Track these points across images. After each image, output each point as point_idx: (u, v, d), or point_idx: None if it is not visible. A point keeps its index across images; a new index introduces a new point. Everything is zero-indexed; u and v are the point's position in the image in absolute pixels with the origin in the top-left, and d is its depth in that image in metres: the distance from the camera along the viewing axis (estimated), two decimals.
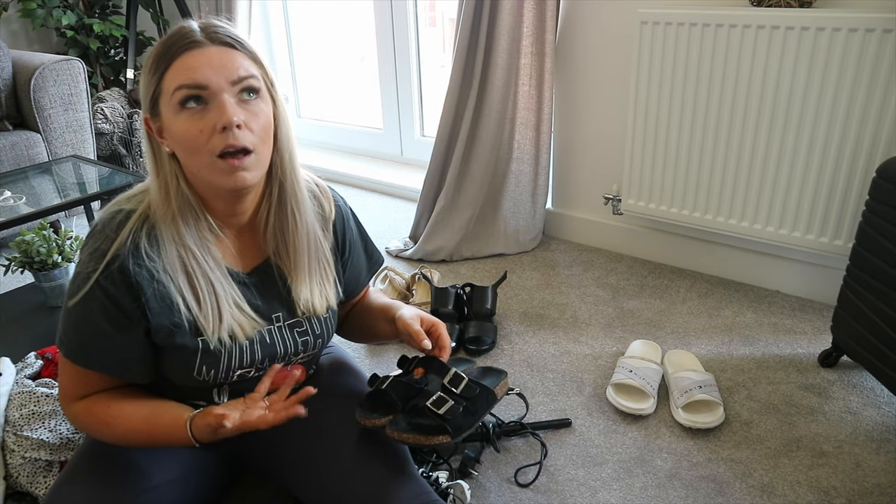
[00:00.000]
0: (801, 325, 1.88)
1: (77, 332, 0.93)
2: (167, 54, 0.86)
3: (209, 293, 0.94)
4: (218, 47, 0.87)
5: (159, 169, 0.92)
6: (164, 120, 0.89)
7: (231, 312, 0.96)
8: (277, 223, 1.00)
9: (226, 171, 0.88)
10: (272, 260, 1.02)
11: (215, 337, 0.95)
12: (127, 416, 0.96)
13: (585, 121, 2.25)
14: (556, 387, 1.68)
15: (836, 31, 1.61)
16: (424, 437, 0.98)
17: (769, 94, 1.75)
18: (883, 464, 1.39)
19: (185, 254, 0.92)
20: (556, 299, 2.07)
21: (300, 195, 1.00)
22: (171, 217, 0.91)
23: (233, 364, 0.99)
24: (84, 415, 0.97)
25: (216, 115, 0.86)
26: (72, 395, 0.98)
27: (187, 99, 0.85)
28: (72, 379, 0.97)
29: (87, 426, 0.97)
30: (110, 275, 0.89)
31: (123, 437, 0.96)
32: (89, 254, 0.91)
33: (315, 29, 3.43)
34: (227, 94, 0.86)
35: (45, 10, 3.20)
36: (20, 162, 2.46)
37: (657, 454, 1.45)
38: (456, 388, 1.05)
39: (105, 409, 0.96)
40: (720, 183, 1.92)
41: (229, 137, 0.86)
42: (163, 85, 0.87)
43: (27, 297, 1.88)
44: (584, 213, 2.39)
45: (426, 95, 2.96)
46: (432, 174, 2.40)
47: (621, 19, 2.05)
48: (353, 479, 0.98)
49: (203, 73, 0.85)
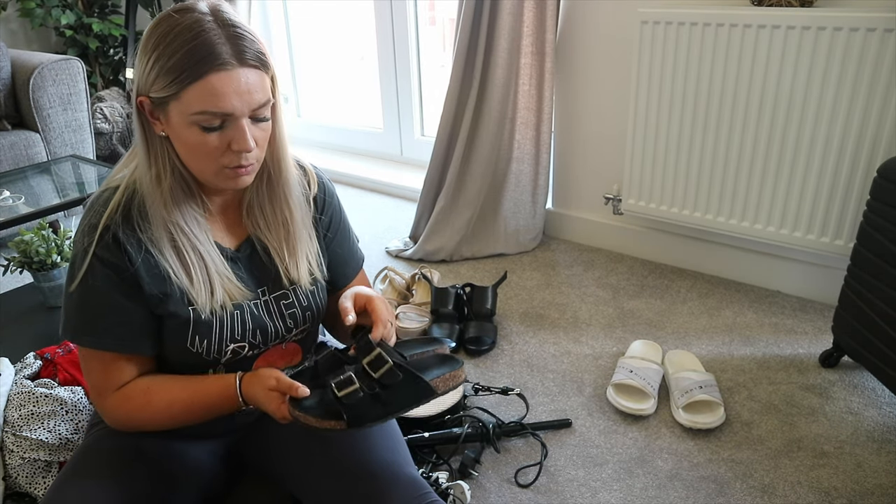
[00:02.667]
0: (801, 326, 1.87)
1: (84, 313, 0.94)
2: (194, 69, 0.84)
3: (200, 268, 0.96)
4: (245, 69, 0.87)
5: (149, 147, 0.92)
6: (172, 119, 0.88)
7: (222, 284, 0.98)
8: (267, 201, 1.03)
9: (230, 177, 0.92)
10: (257, 234, 1.04)
11: (205, 310, 0.97)
12: (166, 388, 0.98)
13: (585, 121, 2.25)
14: (556, 387, 1.68)
15: (836, 30, 1.60)
16: (315, 418, 0.89)
17: (770, 94, 1.75)
18: (884, 464, 1.39)
19: (173, 229, 0.94)
20: (557, 299, 2.07)
21: (289, 176, 1.03)
22: (160, 193, 0.93)
23: (224, 335, 1.00)
24: (120, 402, 0.97)
25: (233, 138, 0.88)
26: (103, 388, 0.98)
27: (208, 121, 0.87)
28: (96, 371, 0.97)
29: (127, 412, 0.97)
30: (106, 245, 0.91)
31: (165, 412, 0.97)
32: (81, 231, 0.93)
33: (315, 29, 3.42)
34: (245, 119, 0.88)
35: (44, 10, 3.20)
36: (19, 162, 2.46)
37: (658, 454, 1.45)
38: (375, 371, 0.90)
39: (143, 391, 0.97)
40: (721, 183, 1.91)
41: (241, 159, 0.90)
42: (183, 95, 0.85)
43: (26, 298, 1.88)
44: (584, 213, 2.39)
45: (426, 95, 2.96)
46: (432, 174, 2.40)
47: (621, 19, 2.04)
48: (352, 480, 0.98)
49: (230, 102, 0.86)
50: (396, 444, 1.06)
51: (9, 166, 2.43)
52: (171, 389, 0.98)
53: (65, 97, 2.59)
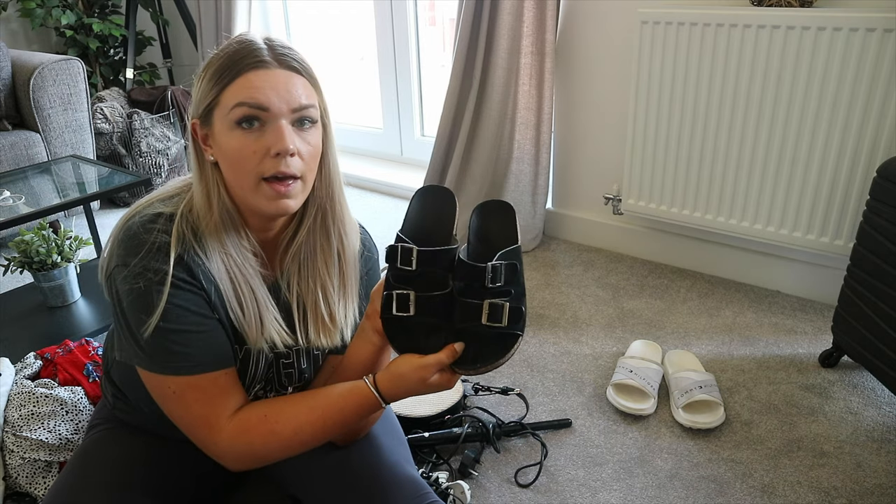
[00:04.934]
0: (801, 325, 1.87)
1: (174, 341, 0.86)
2: (233, 68, 0.85)
3: (251, 300, 0.92)
4: (284, 70, 0.86)
5: (202, 175, 0.90)
6: (216, 132, 0.87)
7: (270, 321, 0.94)
8: (310, 247, 0.97)
9: (269, 196, 0.86)
10: (289, 281, 0.98)
11: (257, 345, 0.93)
12: (289, 414, 0.90)
13: (585, 121, 2.25)
14: (556, 387, 1.68)
15: (836, 30, 1.60)
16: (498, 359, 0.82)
17: (770, 94, 1.75)
18: (884, 464, 1.39)
19: (227, 261, 0.91)
20: (556, 299, 2.07)
21: (346, 220, 0.98)
22: (214, 224, 0.90)
23: (257, 375, 0.98)
24: (239, 434, 0.88)
25: (272, 140, 0.85)
26: (212, 420, 0.88)
27: (245, 117, 0.84)
28: (198, 403, 0.88)
29: (250, 445, 0.88)
30: (183, 267, 0.87)
31: (294, 439, 0.89)
32: (143, 258, 0.85)
33: (315, 29, 3.42)
34: (285, 119, 0.85)
35: (45, 10, 3.20)
36: (19, 162, 2.46)
37: (657, 454, 1.45)
38: (494, 282, 0.83)
39: (261, 419, 0.89)
40: (720, 183, 1.92)
41: (281, 164, 0.85)
42: (222, 97, 0.85)
43: (26, 298, 1.88)
44: (584, 213, 2.39)
45: (426, 95, 2.96)
46: (432, 174, 2.40)
47: (621, 19, 2.04)
48: (353, 479, 0.98)
49: (266, 95, 0.84)
50: (397, 444, 1.06)
51: (9, 166, 2.43)
52: (296, 414, 0.89)
53: (65, 97, 2.59)
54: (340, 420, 0.90)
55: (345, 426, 0.91)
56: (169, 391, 0.87)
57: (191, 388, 0.87)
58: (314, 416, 0.90)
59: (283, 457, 0.91)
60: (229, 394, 0.90)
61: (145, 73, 3.59)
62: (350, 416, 0.90)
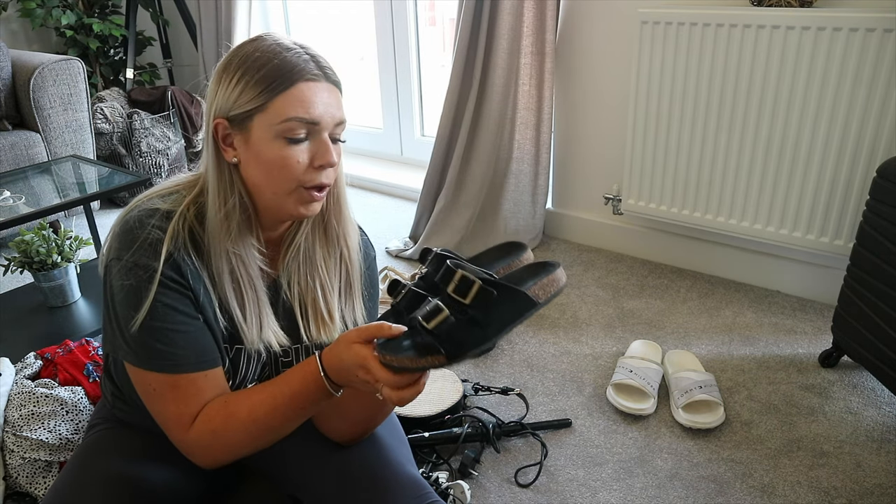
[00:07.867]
0: (801, 325, 1.87)
1: (160, 337, 0.87)
2: (285, 78, 0.85)
3: (254, 301, 0.94)
4: (329, 84, 0.88)
5: (219, 174, 0.90)
6: (254, 137, 0.87)
7: (269, 322, 0.95)
8: (310, 244, 0.99)
9: (304, 200, 0.90)
10: (289, 280, 1.00)
11: (254, 346, 0.94)
12: (245, 395, 0.90)
13: (585, 121, 2.25)
14: (556, 387, 1.68)
15: (836, 30, 1.61)
16: (410, 358, 0.77)
17: (769, 94, 1.75)
18: (884, 464, 1.39)
19: (234, 261, 0.91)
20: (556, 299, 2.07)
21: (347, 219, 1.00)
22: (227, 222, 0.90)
23: (248, 375, 0.98)
24: (205, 424, 0.89)
25: (318, 152, 0.88)
26: (185, 417, 0.89)
27: (297, 131, 0.86)
28: (174, 401, 0.89)
29: (212, 433, 0.89)
30: (172, 265, 0.87)
31: (248, 419, 0.89)
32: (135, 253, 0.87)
33: (315, 29, 3.42)
34: (327, 133, 0.88)
35: (45, 10, 3.20)
36: (19, 162, 2.46)
37: (657, 454, 1.45)
38: (464, 296, 0.78)
39: (222, 405, 0.90)
40: (720, 183, 1.92)
41: (323, 176, 0.89)
42: (271, 105, 0.85)
43: (26, 298, 1.88)
44: (584, 213, 2.39)
45: (426, 95, 2.96)
46: (432, 174, 2.40)
47: (621, 19, 2.04)
48: (353, 479, 0.98)
49: (319, 110, 0.86)
50: (398, 444, 1.06)
51: (9, 166, 2.43)
52: (249, 395, 0.90)
53: (65, 97, 2.59)
54: (288, 393, 0.88)
55: (294, 402, 0.89)
56: (149, 387, 0.89)
57: (169, 387, 0.89)
58: (265, 393, 0.90)
59: (248, 443, 0.90)
60: (206, 395, 0.91)
61: (145, 73, 3.59)
62: (297, 393, 0.88)
